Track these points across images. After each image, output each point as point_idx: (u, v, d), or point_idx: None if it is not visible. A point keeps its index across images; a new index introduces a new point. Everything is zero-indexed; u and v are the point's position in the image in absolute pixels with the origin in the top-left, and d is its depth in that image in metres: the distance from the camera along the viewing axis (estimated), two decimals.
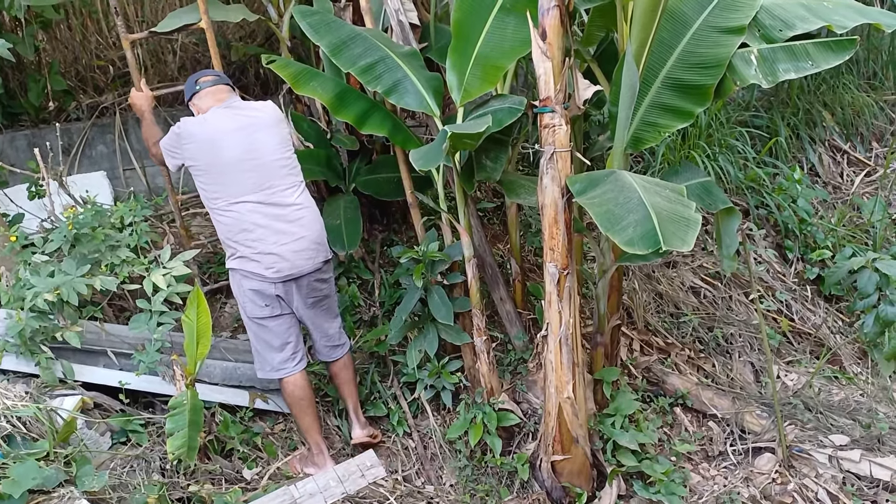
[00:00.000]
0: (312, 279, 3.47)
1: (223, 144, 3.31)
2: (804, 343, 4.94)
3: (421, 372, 3.93)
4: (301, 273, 3.41)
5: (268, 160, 3.36)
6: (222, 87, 3.51)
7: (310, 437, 3.58)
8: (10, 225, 3.84)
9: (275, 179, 3.36)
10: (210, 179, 3.34)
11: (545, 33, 2.81)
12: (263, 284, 3.37)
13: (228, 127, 3.34)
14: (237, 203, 3.31)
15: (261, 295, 3.39)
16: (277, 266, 3.34)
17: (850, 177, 6.40)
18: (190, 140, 3.33)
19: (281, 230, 3.34)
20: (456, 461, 3.79)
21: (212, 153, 3.31)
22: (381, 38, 3.60)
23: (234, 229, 3.33)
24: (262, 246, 3.32)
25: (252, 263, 3.35)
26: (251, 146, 3.33)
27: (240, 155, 3.31)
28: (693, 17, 3.18)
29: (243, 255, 3.35)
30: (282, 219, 3.35)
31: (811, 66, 3.18)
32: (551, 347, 3.19)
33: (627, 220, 2.55)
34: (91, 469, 2.90)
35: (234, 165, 3.30)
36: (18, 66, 4.66)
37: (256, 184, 3.32)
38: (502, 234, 4.97)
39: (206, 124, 3.36)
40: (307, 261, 3.41)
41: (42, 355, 3.24)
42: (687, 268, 5.11)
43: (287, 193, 3.39)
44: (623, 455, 3.58)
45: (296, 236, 3.37)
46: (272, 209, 3.33)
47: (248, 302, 3.43)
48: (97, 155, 4.77)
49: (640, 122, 3.23)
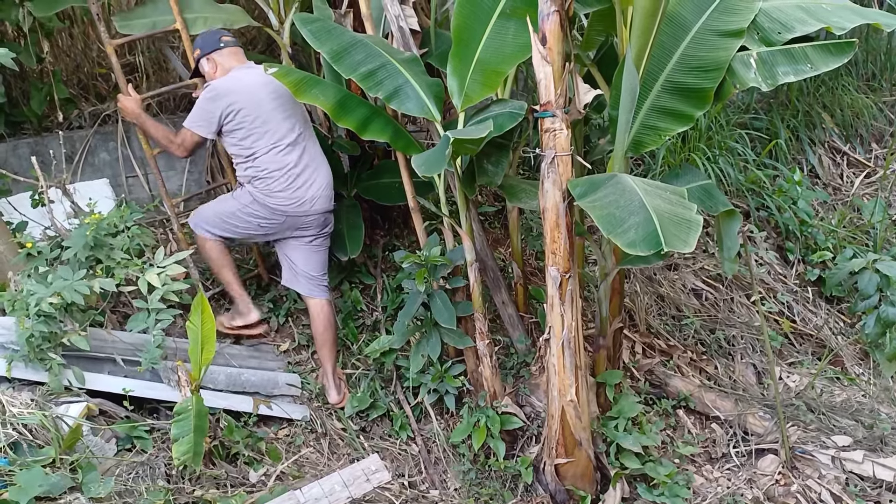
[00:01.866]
0: (321, 218, 3.90)
1: (261, 95, 3.71)
2: (806, 344, 4.95)
3: (424, 376, 3.94)
4: (315, 213, 3.84)
5: (298, 109, 3.84)
6: (240, 48, 3.92)
7: (232, 290, 4.01)
8: (14, 232, 3.86)
9: (304, 126, 3.85)
10: (249, 129, 3.70)
11: (545, 38, 2.83)
12: (277, 216, 3.79)
13: (259, 81, 3.73)
14: (275, 147, 3.72)
15: (267, 220, 3.80)
16: (299, 203, 3.77)
17: (849, 178, 6.41)
18: (228, 94, 3.68)
19: (308, 174, 3.79)
20: (460, 465, 3.80)
21: (253, 103, 3.69)
22: (381, 45, 3.61)
23: (272, 168, 3.72)
24: (293, 184, 3.74)
25: (278, 198, 3.74)
26: (282, 96, 3.73)
27: (276, 104, 3.73)
28: (692, 20, 3.20)
29: (273, 191, 3.73)
30: (312, 162, 3.82)
31: (810, 68, 3.19)
32: (554, 351, 3.20)
33: (629, 222, 2.56)
34: (97, 475, 2.92)
35: (273, 113, 3.72)
36: (21, 75, 4.67)
37: (291, 128, 3.77)
38: (503, 238, 4.98)
39: (239, 81, 3.75)
40: (322, 202, 3.86)
41: (53, 361, 3.26)
42: (688, 270, 5.13)
43: (312, 140, 3.89)
44: (626, 458, 3.60)
45: (318, 179, 3.83)
46: (304, 155, 3.79)
47: (244, 214, 3.80)
48: (100, 162, 4.78)
49: (640, 126, 3.24)
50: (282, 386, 3.93)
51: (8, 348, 3.26)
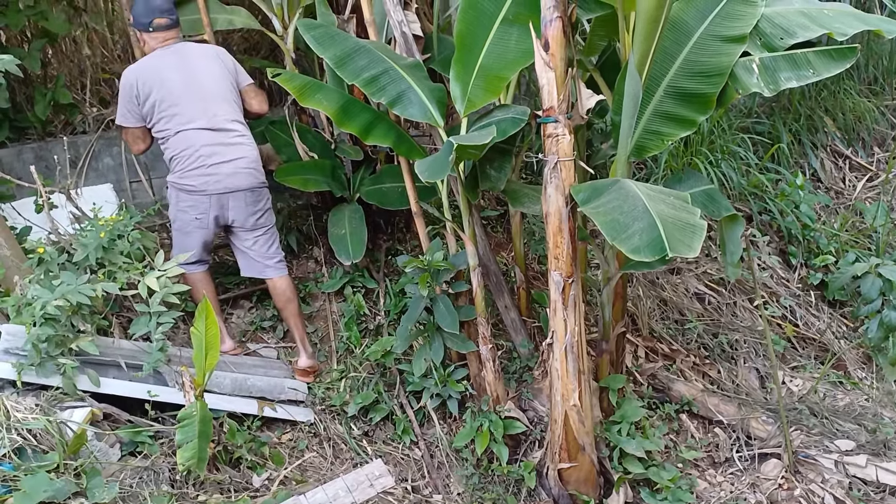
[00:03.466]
0: (249, 197, 3.90)
1: (168, 76, 3.79)
2: (809, 348, 4.95)
3: (427, 380, 3.94)
4: (238, 189, 3.85)
5: (211, 90, 3.84)
6: (172, 31, 3.91)
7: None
8: (18, 237, 3.87)
9: (218, 108, 3.84)
10: (160, 113, 3.78)
11: (548, 44, 2.84)
12: (200, 198, 3.82)
13: (170, 63, 3.81)
14: (186, 129, 3.78)
15: (195, 207, 3.85)
16: (215, 179, 3.80)
17: (852, 182, 6.42)
18: (136, 81, 3.77)
19: (221, 151, 3.80)
20: (463, 469, 3.80)
21: (161, 85, 3.77)
22: (384, 50, 3.62)
23: (181, 149, 3.79)
24: (205, 162, 3.78)
25: (193, 178, 3.79)
26: (193, 77, 3.81)
27: (185, 85, 3.79)
28: (695, 26, 3.21)
29: (186, 171, 3.80)
30: (223, 143, 3.81)
31: (812, 73, 3.20)
32: (557, 355, 3.20)
33: (633, 228, 2.56)
34: (101, 481, 2.93)
35: (182, 95, 3.77)
36: (25, 80, 4.69)
37: (202, 110, 3.79)
38: (506, 243, 4.99)
39: (148, 66, 3.83)
40: (243, 178, 3.86)
41: (67, 364, 3.27)
42: (691, 274, 5.13)
43: (229, 122, 3.86)
44: (629, 462, 3.59)
45: (234, 156, 3.83)
46: (216, 135, 3.80)
47: (181, 213, 3.90)
48: (104, 167, 4.79)
49: (643, 131, 3.25)
50: (287, 391, 3.93)
51: (15, 354, 3.27)
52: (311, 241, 4.88)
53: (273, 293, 4.13)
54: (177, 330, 4.11)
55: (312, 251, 4.86)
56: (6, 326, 3.36)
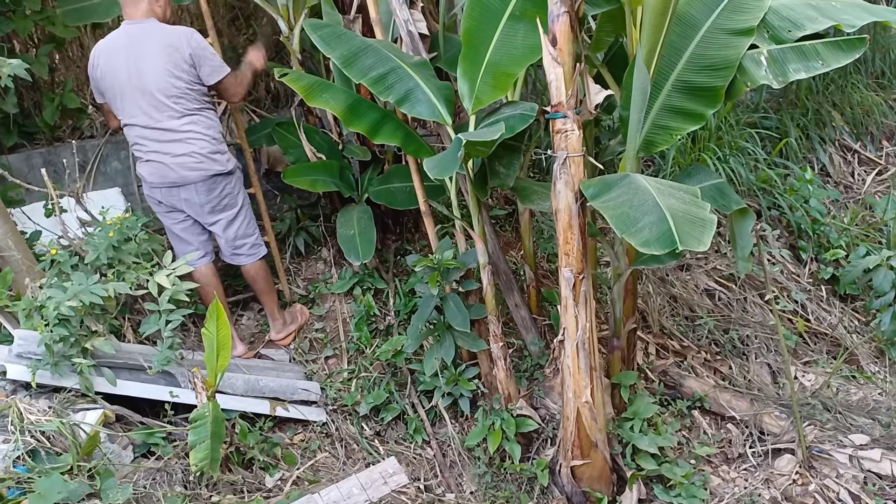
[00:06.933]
0: (201, 187, 3.82)
1: (116, 65, 3.65)
2: (821, 343, 4.93)
3: (438, 380, 3.94)
4: (186, 182, 3.79)
5: (150, 90, 3.64)
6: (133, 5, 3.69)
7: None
8: (28, 241, 3.89)
9: (157, 108, 3.66)
10: (113, 101, 3.74)
11: (555, 39, 2.83)
12: (153, 190, 3.86)
13: (122, 46, 3.65)
14: (128, 125, 3.75)
15: (152, 199, 3.91)
16: (160, 173, 3.77)
17: (861, 176, 6.39)
18: (94, 60, 3.72)
19: (164, 149, 3.72)
20: (475, 468, 3.79)
21: (111, 73, 3.68)
22: (391, 49, 3.62)
23: (130, 141, 3.80)
24: (151, 157, 3.76)
25: (142, 168, 3.83)
26: (137, 72, 3.63)
27: (127, 79, 3.65)
28: (702, 19, 3.19)
29: (138, 161, 3.85)
30: (164, 140, 3.71)
31: (821, 65, 3.18)
32: (568, 352, 3.19)
33: (643, 221, 2.55)
34: (115, 482, 2.94)
35: (124, 89, 3.66)
36: (33, 86, 4.71)
37: (140, 109, 3.67)
38: (515, 241, 4.98)
39: (104, 49, 3.70)
40: (190, 172, 3.77)
41: (83, 364, 3.28)
42: (701, 270, 5.11)
43: (170, 120, 3.69)
44: (642, 459, 3.58)
45: (178, 152, 3.73)
46: (156, 133, 3.70)
47: (150, 201, 3.95)
48: (112, 171, 4.81)
49: (651, 126, 3.24)
50: (300, 392, 3.94)
51: (28, 358, 3.28)
52: (319, 242, 4.89)
53: (247, 277, 4.22)
54: (188, 333, 4.13)
55: (321, 252, 4.87)
56: (19, 331, 3.37)
